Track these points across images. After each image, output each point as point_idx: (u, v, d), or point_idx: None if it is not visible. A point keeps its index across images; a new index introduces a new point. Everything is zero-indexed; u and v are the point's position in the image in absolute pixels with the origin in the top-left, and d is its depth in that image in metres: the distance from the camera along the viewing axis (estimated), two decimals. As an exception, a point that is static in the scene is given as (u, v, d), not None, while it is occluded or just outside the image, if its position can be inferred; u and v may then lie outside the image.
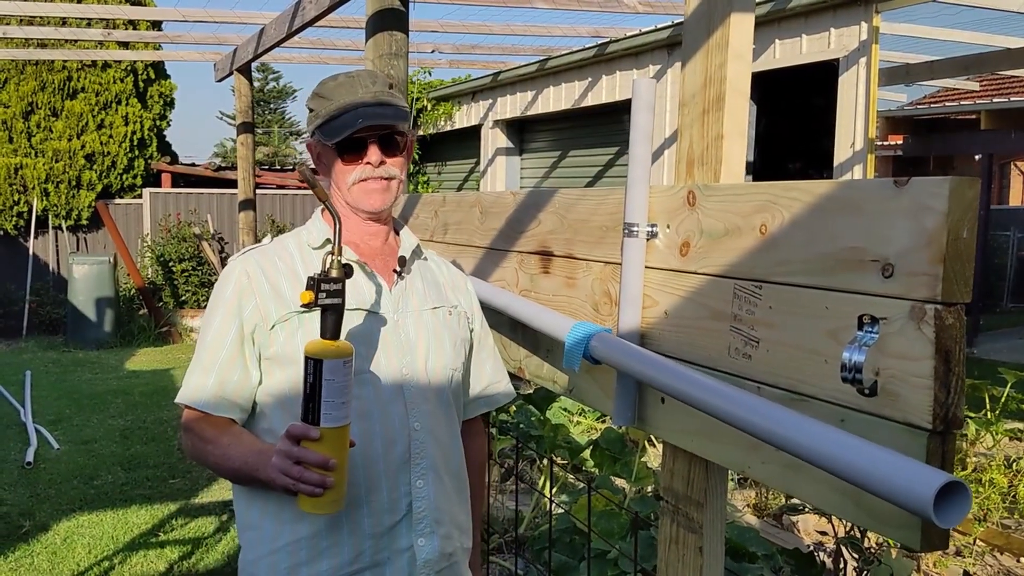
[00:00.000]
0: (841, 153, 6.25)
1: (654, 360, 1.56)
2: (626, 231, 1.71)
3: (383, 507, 1.74)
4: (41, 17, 9.68)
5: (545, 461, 4.88)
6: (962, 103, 12.03)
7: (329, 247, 1.75)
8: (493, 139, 11.46)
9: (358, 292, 1.77)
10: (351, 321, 1.73)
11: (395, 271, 1.85)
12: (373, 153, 1.76)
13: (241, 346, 1.73)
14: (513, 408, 5.17)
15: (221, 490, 5.60)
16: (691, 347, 1.58)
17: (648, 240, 1.70)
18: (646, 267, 1.71)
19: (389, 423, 1.74)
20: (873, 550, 3.23)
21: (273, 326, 1.73)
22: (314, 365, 1.51)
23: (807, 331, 1.30)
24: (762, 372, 1.40)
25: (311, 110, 1.83)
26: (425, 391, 1.81)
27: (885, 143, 12.23)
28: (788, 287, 1.34)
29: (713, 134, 1.61)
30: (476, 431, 2.07)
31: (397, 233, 1.93)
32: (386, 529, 1.74)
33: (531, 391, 5.21)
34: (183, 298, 12.85)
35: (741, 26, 1.58)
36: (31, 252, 12.74)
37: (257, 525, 1.77)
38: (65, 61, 12.52)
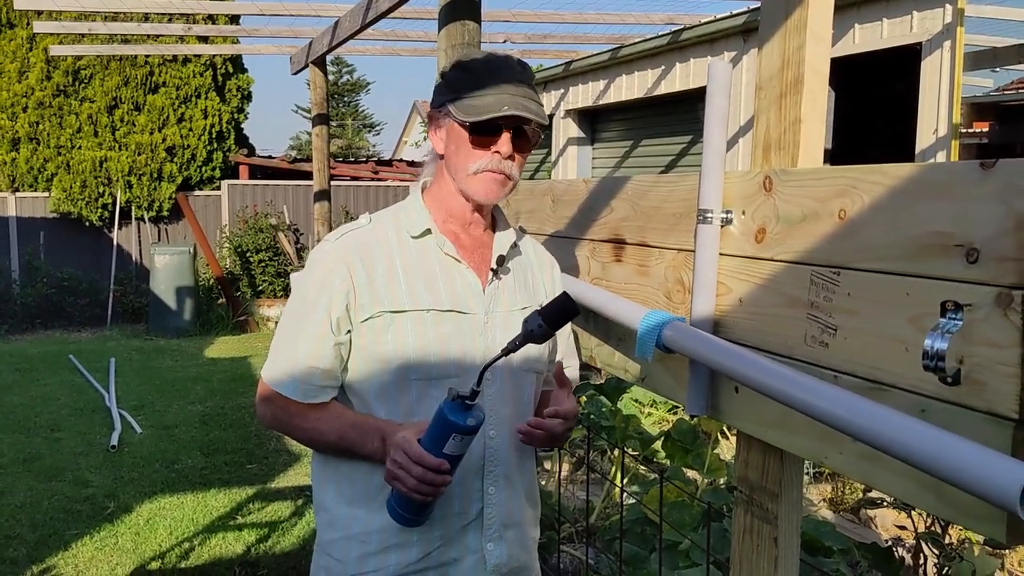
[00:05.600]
0: (923, 140, 6.07)
1: (728, 348, 1.54)
2: (700, 217, 1.68)
3: (454, 511, 1.74)
4: (125, 13, 9.95)
5: (616, 452, 4.86)
6: (1053, 88, 11.59)
7: (429, 237, 1.76)
8: (565, 129, 11.42)
9: (452, 292, 1.74)
10: (443, 322, 1.72)
11: (492, 270, 1.80)
12: (505, 143, 1.70)
13: (331, 334, 1.70)
14: (584, 398, 5.16)
15: (296, 476, 5.71)
16: (766, 335, 1.56)
17: (722, 227, 1.67)
18: (720, 254, 1.68)
19: None
20: (954, 546, 3.14)
21: (365, 319, 1.70)
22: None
23: (887, 318, 1.27)
24: (839, 360, 1.37)
25: (444, 77, 1.76)
26: (505, 396, 1.78)
27: (970, 131, 11.84)
28: (868, 273, 1.31)
29: (791, 118, 1.57)
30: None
31: (494, 228, 1.87)
32: (455, 533, 1.75)
33: (602, 381, 5.19)
34: (260, 288, 13.11)
35: (820, 6, 1.54)
36: (115, 243, 13.15)
37: (331, 508, 1.79)
38: (147, 56, 12.86)
